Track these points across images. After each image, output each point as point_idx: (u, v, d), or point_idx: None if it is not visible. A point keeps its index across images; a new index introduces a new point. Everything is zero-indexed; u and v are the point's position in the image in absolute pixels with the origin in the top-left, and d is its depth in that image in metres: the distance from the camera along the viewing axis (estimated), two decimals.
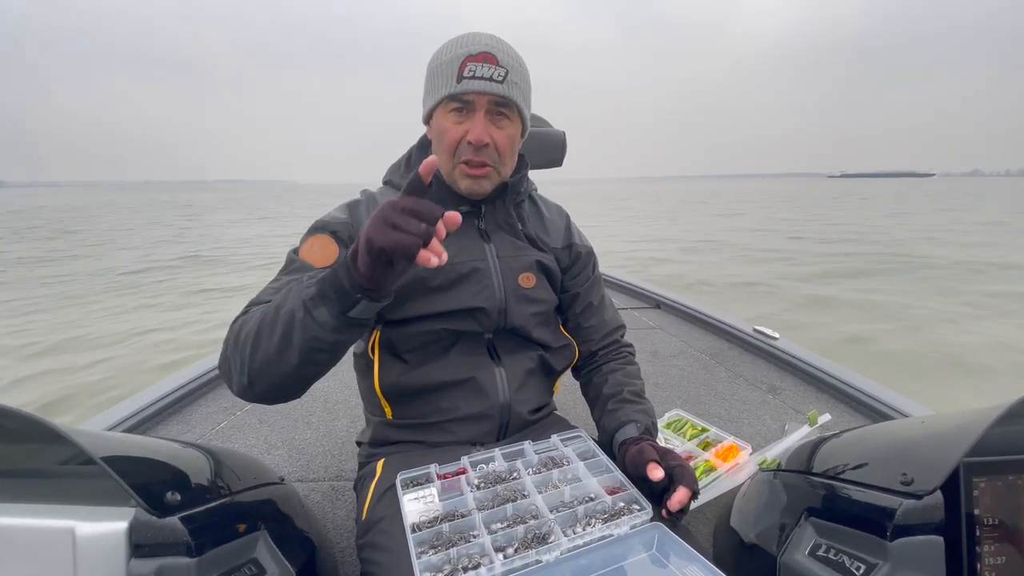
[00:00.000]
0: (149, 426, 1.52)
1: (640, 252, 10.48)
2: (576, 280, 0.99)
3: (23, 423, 0.48)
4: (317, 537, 0.76)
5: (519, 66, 0.80)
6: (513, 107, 0.80)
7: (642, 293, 2.98)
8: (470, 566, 0.56)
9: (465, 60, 0.75)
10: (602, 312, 1.00)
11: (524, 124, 0.85)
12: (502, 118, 0.80)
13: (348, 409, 1.68)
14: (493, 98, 0.77)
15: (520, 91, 0.81)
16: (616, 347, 1.00)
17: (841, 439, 0.71)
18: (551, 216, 1.00)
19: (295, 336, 0.62)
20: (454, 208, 0.86)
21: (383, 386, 0.85)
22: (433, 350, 0.86)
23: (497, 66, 0.76)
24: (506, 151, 0.82)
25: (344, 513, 1.17)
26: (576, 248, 0.99)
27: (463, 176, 0.82)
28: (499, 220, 0.92)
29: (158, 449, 0.61)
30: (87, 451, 0.45)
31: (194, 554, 0.49)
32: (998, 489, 0.53)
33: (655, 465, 0.68)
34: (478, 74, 0.75)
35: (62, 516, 0.48)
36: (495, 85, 0.76)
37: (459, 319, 0.85)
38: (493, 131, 0.79)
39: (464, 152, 0.80)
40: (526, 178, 0.96)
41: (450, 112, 0.79)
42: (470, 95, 0.77)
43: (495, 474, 0.73)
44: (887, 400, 1.48)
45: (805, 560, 0.58)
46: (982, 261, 9.03)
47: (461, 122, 0.79)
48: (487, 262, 0.88)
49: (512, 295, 0.88)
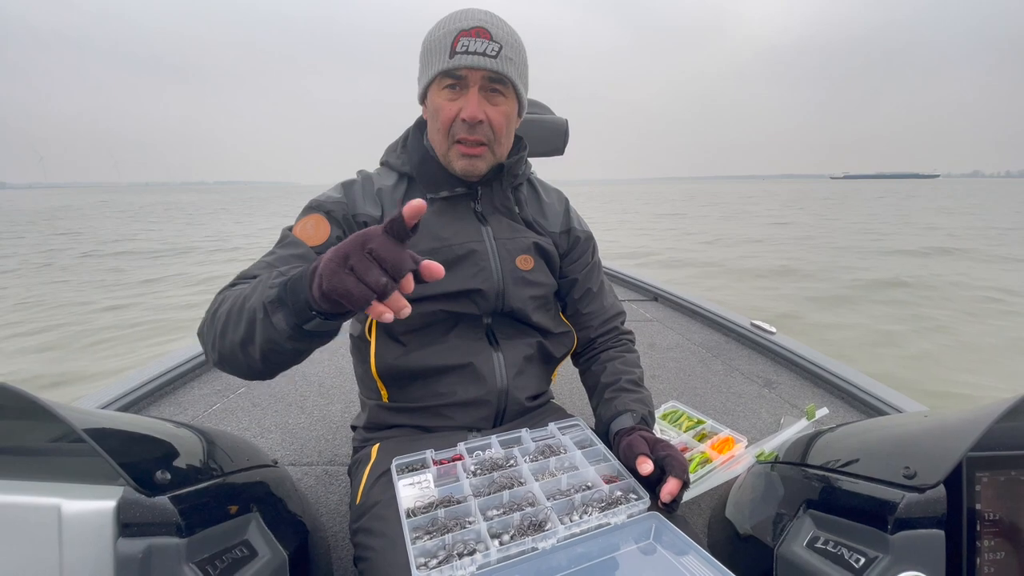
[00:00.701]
0: (141, 406, 1.51)
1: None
2: (575, 265, 0.98)
3: (10, 398, 0.46)
4: (310, 521, 0.75)
5: (514, 42, 0.78)
6: (508, 83, 0.78)
7: (639, 285, 2.98)
8: (465, 552, 0.55)
9: (458, 35, 0.74)
10: (601, 298, 0.99)
11: (520, 103, 0.83)
12: (496, 95, 0.79)
13: (343, 394, 1.67)
14: (487, 73, 0.76)
15: (515, 67, 0.79)
16: (615, 334, 0.99)
17: (840, 433, 0.70)
18: (550, 200, 0.98)
19: (256, 335, 0.59)
20: (450, 188, 0.86)
21: (379, 368, 0.84)
22: (431, 333, 0.85)
23: (491, 41, 0.75)
24: (501, 129, 0.80)
25: (337, 498, 1.17)
26: (575, 233, 0.98)
27: (458, 157, 0.81)
28: (496, 203, 0.90)
29: (149, 427, 0.60)
30: (75, 427, 0.44)
31: (184, 534, 0.48)
32: (1000, 484, 0.53)
33: (644, 459, 0.68)
34: (471, 49, 0.74)
35: (48, 493, 0.47)
36: (488, 60, 0.75)
37: (456, 301, 0.83)
38: (487, 108, 0.78)
39: (459, 130, 0.78)
40: (524, 160, 0.94)
41: (444, 89, 0.78)
42: (463, 70, 0.75)
43: (492, 461, 0.72)
44: (883, 396, 1.49)
45: (803, 552, 0.58)
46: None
47: (455, 99, 0.78)
48: (484, 244, 0.86)
49: (510, 277, 0.86)
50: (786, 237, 12.89)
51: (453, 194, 0.86)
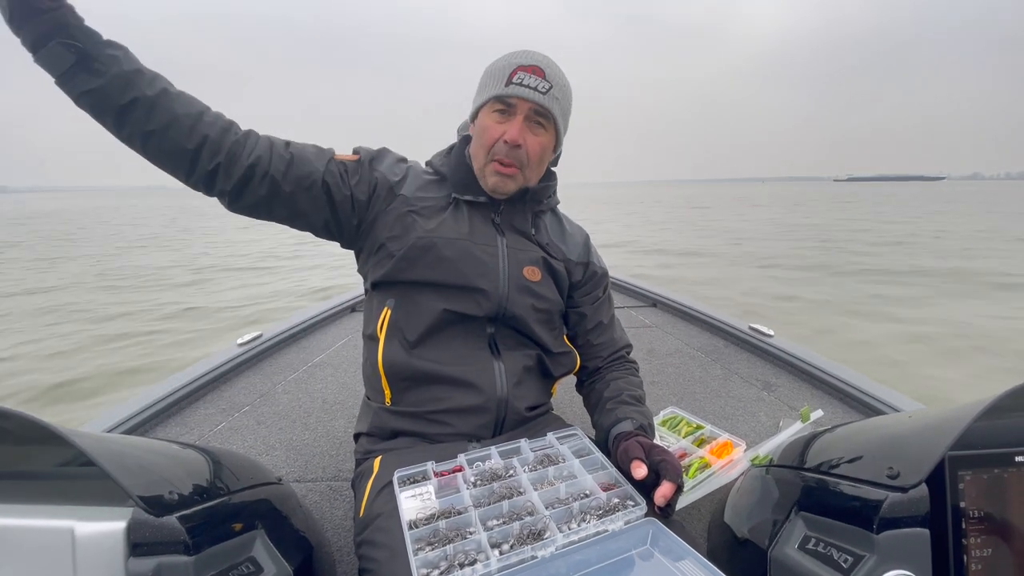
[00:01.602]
0: (147, 428, 1.52)
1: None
2: (587, 298, 1.02)
3: (21, 425, 0.48)
4: (314, 536, 0.76)
5: (564, 85, 0.87)
6: (551, 119, 0.86)
7: (639, 292, 2.99)
8: (466, 562, 0.57)
9: (516, 69, 0.82)
10: (612, 331, 1.04)
11: (558, 139, 0.91)
12: (539, 127, 0.86)
13: (346, 410, 1.68)
14: (534, 106, 0.84)
15: (560, 107, 0.87)
16: (621, 362, 1.03)
17: (832, 434, 0.71)
18: (572, 232, 1.04)
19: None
20: (474, 198, 0.92)
21: (386, 363, 0.88)
22: (438, 337, 0.88)
23: (543, 79, 0.83)
24: (535, 157, 0.88)
25: (342, 513, 1.18)
26: (592, 268, 1.03)
27: (493, 173, 0.88)
28: (514, 222, 0.96)
29: (156, 450, 0.62)
30: (86, 452, 0.46)
31: (192, 552, 0.49)
32: (984, 482, 0.54)
33: (638, 463, 0.70)
34: (525, 83, 0.82)
35: (61, 516, 0.48)
36: (538, 95, 0.83)
37: (460, 297, 0.87)
38: (528, 136, 0.85)
39: (499, 150, 0.85)
40: (550, 189, 1.00)
41: (494, 112, 0.85)
42: (514, 99, 0.83)
43: (491, 471, 0.74)
44: (880, 395, 1.50)
45: (795, 553, 0.59)
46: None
47: (502, 122, 0.85)
48: (496, 248, 0.92)
49: (514, 284, 0.90)
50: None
51: (477, 200, 0.93)
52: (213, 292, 7.68)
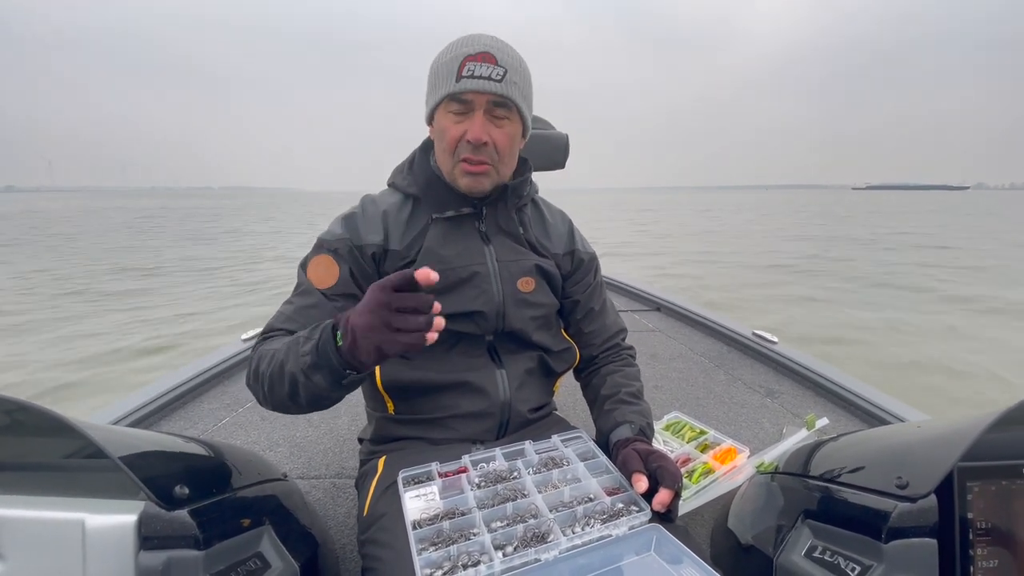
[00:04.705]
0: (152, 421, 1.53)
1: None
2: (577, 287, 1.00)
3: (36, 417, 0.49)
4: (319, 533, 0.77)
5: (519, 66, 0.81)
6: (512, 106, 0.81)
7: (643, 296, 2.99)
8: (470, 563, 0.57)
9: (464, 60, 0.76)
10: (603, 317, 1.01)
11: (524, 124, 0.86)
12: (501, 118, 0.81)
13: (349, 408, 1.69)
14: (492, 97, 0.78)
15: (519, 90, 0.81)
16: (616, 350, 1.01)
17: (838, 443, 0.71)
18: (554, 221, 1.00)
19: (300, 392, 0.69)
20: (455, 209, 0.89)
21: (385, 382, 0.86)
22: (435, 351, 0.86)
23: (496, 65, 0.77)
24: (505, 150, 0.83)
25: (345, 510, 1.18)
26: (579, 255, 1.00)
27: (463, 174, 0.83)
28: (500, 223, 0.92)
29: (166, 443, 0.62)
30: (100, 445, 0.46)
31: (202, 547, 0.50)
32: (992, 494, 0.54)
33: (638, 476, 0.69)
34: (477, 73, 0.76)
35: (72, 508, 0.49)
36: (493, 84, 0.77)
37: (458, 321, 0.85)
38: (492, 130, 0.80)
39: (463, 150, 0.81)
40: (528, 181, 0.96)
41: (450, 112, 0.80)
42: (469, 94, 0.78)
43: (495, 473, 0.74)
44: (884, 405, 1.49)
45: (801, 561, 0.59)
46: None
47: (460, 121, 0.80)
48: (486, 266, 0.88)
49: (511, 299, 0.88)
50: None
51: (459, 214, 0.88)
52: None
